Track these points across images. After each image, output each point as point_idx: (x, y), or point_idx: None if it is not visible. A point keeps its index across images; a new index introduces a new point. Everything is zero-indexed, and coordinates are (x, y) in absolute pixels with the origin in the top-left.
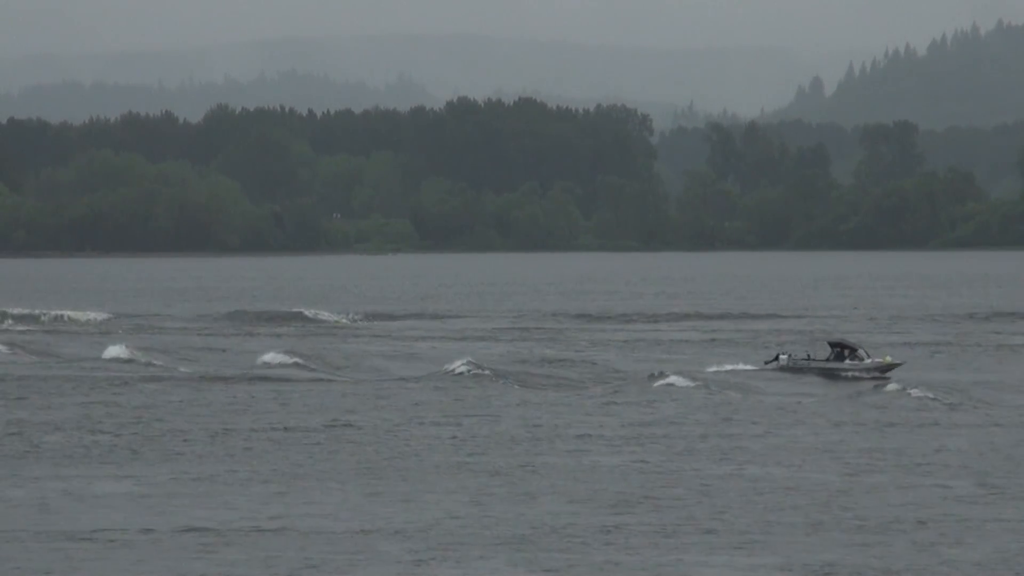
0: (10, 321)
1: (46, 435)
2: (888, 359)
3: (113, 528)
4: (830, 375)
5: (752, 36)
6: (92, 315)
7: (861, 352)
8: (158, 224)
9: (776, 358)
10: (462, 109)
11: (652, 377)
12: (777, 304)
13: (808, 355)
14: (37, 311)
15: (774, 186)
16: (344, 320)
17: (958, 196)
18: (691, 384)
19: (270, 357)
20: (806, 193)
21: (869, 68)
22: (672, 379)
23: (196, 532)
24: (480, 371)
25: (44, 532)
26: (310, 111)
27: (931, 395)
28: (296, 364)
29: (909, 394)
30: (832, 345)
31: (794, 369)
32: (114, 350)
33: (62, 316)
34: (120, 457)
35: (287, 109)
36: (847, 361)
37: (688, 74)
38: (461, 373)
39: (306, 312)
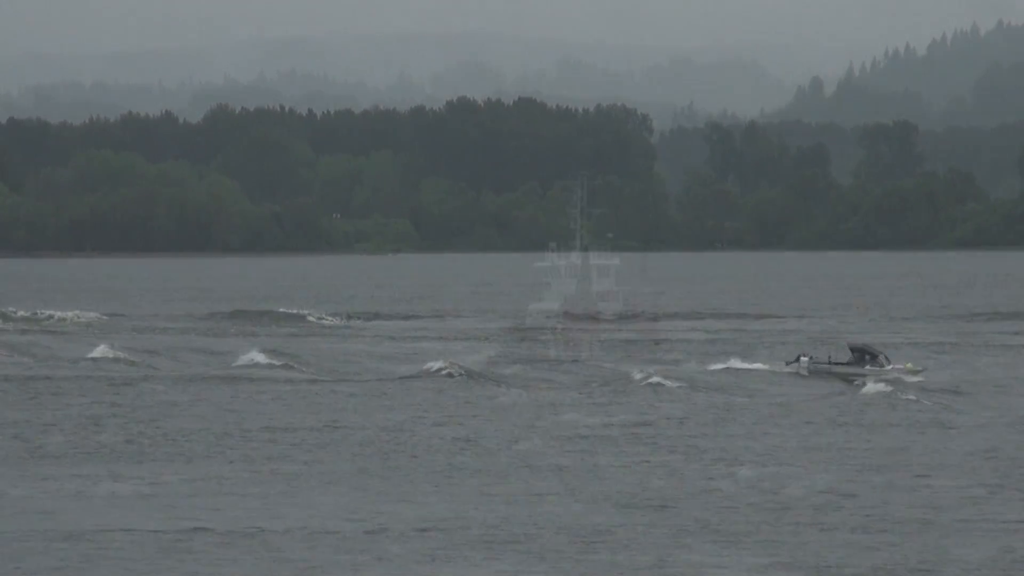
0: (11, 323)
1: (46, 436)
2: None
3: (115, 528)
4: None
5: (752, 36)
6: (92, 316)
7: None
8: (158, 224)
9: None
10: (462, 109)
11: (651, 377)
12: (777, 304)
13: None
14: (36, 312)
15: (774, 186)
16: (344, 321)
17: (958, 196)
18: (691, 384)
19: (268, 358)
20: (806, 193)
21: (869, 68)
22: (672, 379)
23: (198, 532)
24: (480, 372)
25: (46, 532)
26: (310, 111)
27: (932, 395)
28: (296, 366)
29: (910, 394)
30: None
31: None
32: (112, 352)
33: (63, 318)
34: (122, 458)
35: (287, 109)
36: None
37: (688, 74)
38: (461, 374)
39: (307, 313)
